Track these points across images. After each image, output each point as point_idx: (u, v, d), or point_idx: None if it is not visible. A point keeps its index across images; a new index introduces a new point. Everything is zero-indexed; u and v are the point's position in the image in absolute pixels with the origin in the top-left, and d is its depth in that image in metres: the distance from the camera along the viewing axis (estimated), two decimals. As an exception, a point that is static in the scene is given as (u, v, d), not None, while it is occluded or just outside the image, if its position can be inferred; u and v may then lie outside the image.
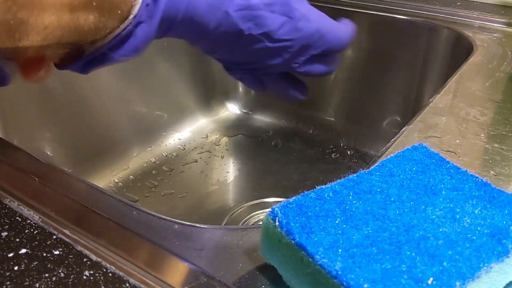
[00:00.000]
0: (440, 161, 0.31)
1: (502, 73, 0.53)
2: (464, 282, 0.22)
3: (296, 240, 0.24)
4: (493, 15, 0.69)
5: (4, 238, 0.30)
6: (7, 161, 0.37)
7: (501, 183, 0.35)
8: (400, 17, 0.71)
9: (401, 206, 0.26)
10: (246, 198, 0.68)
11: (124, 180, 0.69)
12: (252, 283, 0.27)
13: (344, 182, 0.28)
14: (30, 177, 0.36)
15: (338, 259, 0.22)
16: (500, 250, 0.24)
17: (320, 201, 0.26)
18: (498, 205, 0.27)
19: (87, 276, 0.27)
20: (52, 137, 0.63)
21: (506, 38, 0.64)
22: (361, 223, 0.25)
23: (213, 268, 0.28)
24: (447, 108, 0.45)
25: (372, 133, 0.76)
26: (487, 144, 0.40)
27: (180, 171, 0.73)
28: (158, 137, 0.76)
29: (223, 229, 0.31)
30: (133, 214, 0.32)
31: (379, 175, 0.29)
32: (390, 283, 0.21)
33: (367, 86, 0.76)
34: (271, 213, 0.26)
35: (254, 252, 0.29)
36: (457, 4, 0.73)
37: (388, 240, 0.24)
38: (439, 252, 0.23)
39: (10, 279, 0.27)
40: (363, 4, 0.75)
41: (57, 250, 0.29)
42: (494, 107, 0.46)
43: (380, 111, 0.75)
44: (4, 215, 0.32)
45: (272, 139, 0.81)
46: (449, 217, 0.26)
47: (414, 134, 0.41)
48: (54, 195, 0.34)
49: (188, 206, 0.67)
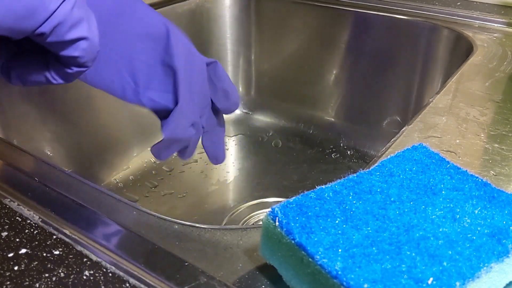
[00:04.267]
0: (440, 161, 0.31)
1: (502, 73, 0.53)
2: (464, 282, 0.22)
3: (296, 240, 0.24)
4: (493, 15, 0.69)
5: (4, 238, 0.30)
6: (7, 161, 0.37)
7: (501, 183, 0.35)
8: (400, 17, 0.71)
9: (401, 206, 0.26)
10: (246, 198, 0.68)
11: (124, 180, 0.69)
12: (252, 283, 0.27)
13: (344, 182, 0.28)
14: (30, 177, 0.36)
15: (338, 259, 0.22)
16: (500, 250, 0.24)
17: (320, 201, 0.26)
18: (498, 205, 0.27)
19: (87, 276, 0.27)
20: (52, 137, 0.63)
21: (506, 38, 0.64)
22: (361, 223, 0.25)
23: (213, 268, 0.28)
24: (447, 108, 0.45)
25: (372, 133, 0.76)
26: (487, 144, 0.40)
27: (180, 171, 0.73)
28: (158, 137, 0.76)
29: (223, 229, 0.31)
30: (133, 214, 0.32)
31: (379, 175, 0.29)
32: (390, 283, 0.21)
33: (367, 86, 0.76)
34: (271, 213, 0.26)
35: (254, 252, 0.29)
36: (457, 4, 0.73)
37: (388, 240, 0.24)
38: (439, 252, 0.23)
39: (10, 279, 0.27)
40: (363, 4, 0.75)
41: (57, 250, 0.29)
42: (494, 107, 0.46)
43: (380, 111, 0.75)
44: (4, 215, 0.32)
45: (272, 139, 0.81)
46: (449, 217, 0.26)
47: (414, 134, 0.41)
48: (54, 195, 0.34)
49: (188, 206, 0.67)
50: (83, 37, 0.27)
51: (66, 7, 0.26)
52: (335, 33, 0.76)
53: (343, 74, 0.78)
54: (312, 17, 0.78)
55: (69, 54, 0.28)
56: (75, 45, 0.27)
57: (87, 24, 0.28)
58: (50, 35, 0.26)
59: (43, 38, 0.26)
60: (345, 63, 0.77)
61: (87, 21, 0.28)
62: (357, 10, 0.74)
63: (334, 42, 0.77)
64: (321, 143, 0.79)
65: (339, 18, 0.76)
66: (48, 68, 0.30)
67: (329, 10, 0.76)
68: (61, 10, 0.26)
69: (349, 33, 0.75)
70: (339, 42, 0.76)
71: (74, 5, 0.26)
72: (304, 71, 0.81)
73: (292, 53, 0.82)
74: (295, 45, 0.81)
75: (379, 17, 0.72)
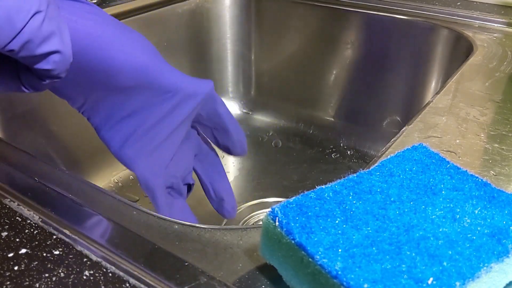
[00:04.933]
0: (440, 161, 0.30)
1: (502, 73, 0.53)
2: (464, 282, 0.22)
3: (296, 240, 0.24)
4: (493, 15, 0.69)
5: (4, 238, 0.30)
6: (7, 161, 0.37)
7: (501, 183, 0.35)
8: (400, 17, 0.71)
9: (401, 206, 0.26)
10: (246, 198, 0.68)
11: (124, 180, 0.69)
12: (252, 283, 0.27)
13: (344, 182, 0.28)
14: (30, 177, 0.36)
15: (338, 259, 0.22)
16: (500, 250, 0.24)
17: (320, 201, 0.26)
18: (498, 205, 0.27)
19: (87, 276, 0.27)
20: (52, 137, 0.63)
21: (506, 38, 0.64)
22: (361, 223, 0.25)
23: (213, 268, 0.28)
24: (447, 108, 0.45)
25: (372, 133, 0.76)
26: (487, 144, 0.40)
27: (180, 171, 0.72)
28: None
29: (223, 229, 0.31)
30: (133, 214, 0.32)
31: (379, 175, 0.29)
32: (390, 283, 0.21)
33: (367, 86, 0.76)
34: (271, 213, 0.26)
35: (254, 252, 0.29)
36: (457, 4, 0.73)
37: (388, 240, 0.24)
38: (439, 252, 0.23)
39: (10, 279, 0.27)
40: (363, 4, 0.75)
41: (57, 250, 0.29)
42: (494, 107, 0.46)
43: (380, 111, 0.75)
44: (4, 215, 0.32)
45: (272, 139, 0.81)
46: (449, 217, 0.26)
47: (414, 134, 0.41)
48: (54, 195, 0.34)
49: (188, 206, 0.67)
50: (55, 51, 0.27)
51: (35, 23, 0.25)
52: (335, 33, 0.76)
53: (343, 74, 0.78)
54: (312, 17, 0.78)
55: (41, 67, 0.27)
56: (47, 59, 0.27)
57: (59, 36, 0.27)
58: (20, 51, 0.26)
59: (14, 53, 0.26)
60: (345, 63, 0.77)
61: (59, 33, 0.27)
62: (357, 10, 0.74)
63: (334, 42, 0.77)
64: (321, 143, 0.79)
65: (339, 18, 0.76)
66: (19, 77, 0.29)
67: (329, 10, 0.76)
68: (29, 27, 0.25)
69: (349, 33, 0.75)
70: (339, 42, 0.76)
71: (43, 20, 0.26)
72: (304, 71, 0.81)
73: (292, 53, 0.82)
74: (295, 45, 0.81)
75: (379, 17, 0.72)
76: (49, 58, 0.27)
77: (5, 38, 0.25)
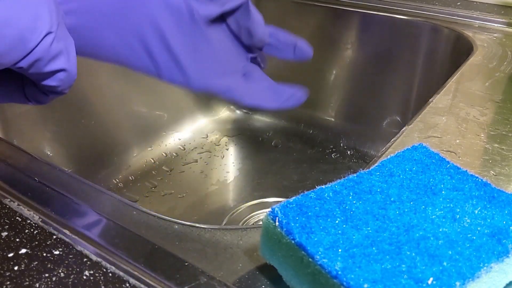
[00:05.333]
0: (440, 161, 0.30)
1: (502, 73, 0.53)
2: (464, 282, 0.22)
3: (296, 240, 0.24)
4: (493, 15, 0.69)
5: (4, 238, 0.30)
6: (7, 161, 0.37)
7: (501, 183, 0.35)
8: (400, 17, 0.71)
9: (401, 206, 0.26)
10: (246, 198, 0.68)
11: (124, 180, 0.69)
12: (252, 283, 0.27)
13: (344, 182, 0.28)
14: (30, 177, 0.36)
15: (338, 259, 0.22)
16: (500, 250, 0.24)
17: (320, 201, 0.26)
18: (498, 205, 0.27)
19: (87, 276, 0.27)
20: (52, 137, 0.63)
21: (506, 38, 0.64)
22: (361, 223, 0.25)
23: (213, 268, 0.28)
24: (447, 108, 0.45)
25: (372, 133, 0.76)
26: (487, 144, 0.40)
27: (180, 171, 0.73)
28: (158, 137, 0.76)
29: (223, 229, 0.31)
30: (133, 214, 0.32)
31: (379, 175, 0.29)
32: (390, 283, 0.21)
33: (367, 86, 0.76)
34: (271, 213, 0.26)
35: (254, 252, 0.29)
36: (457, 4, 0.73)
37: (388, 240, 0.24)
38: (439, 252, 0.23)
39: (10, 279, 0.27)
40: (363, 4, 0.75)
41: (57, 250, 0.29)
42: (494, 107, 0.46)
43: (380, 111, 0.75)
44: (4, 215, 0.32)
45: (272, 139, 0.81)
46: (449, 217, 0.26)
47: (414, 134, 0.41)
48: (54, 195, 0.34)
49: (188, 206, 0.67)
50: (61, 69, 0.28)
51: (45, 43, 0.26)
52: (335, 33, 0.76)
53: (343, 74, 0.78)
54: (312, 17, 0.78)
55: (47, 84, 0.28)
56: (54, 76, 0.28)
57: (66, 55, 0.28)
58: (29, 68, 0.27)
59: (22, 69, 0.27)
60: (345, 63, 0.77)
61: (66, 52, 0.28)
62: (357, 10, 0.74)
63: (334, 42, 0.77)
64: (321, 143, 0.79)
65: (339, 18, 0.76)
66: (24, 90, 0.31)
67: (329, 10, 0.76)
68: (40, 47, 0.26)
69: (349, 33, 0.75)
70: (339, 42, 0.76)
71: (53, 40, 0.27)
72: (304, 71, 0.81)
73: (292, 53, 0.81)
74: (295, 45, 0.81)
75: (379, 17, 0.72)
76: (55, 75, 0.28)
77: (17, 57, 0.26)
